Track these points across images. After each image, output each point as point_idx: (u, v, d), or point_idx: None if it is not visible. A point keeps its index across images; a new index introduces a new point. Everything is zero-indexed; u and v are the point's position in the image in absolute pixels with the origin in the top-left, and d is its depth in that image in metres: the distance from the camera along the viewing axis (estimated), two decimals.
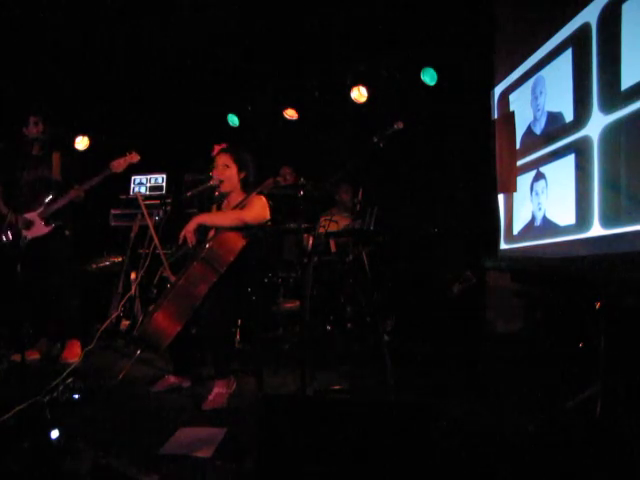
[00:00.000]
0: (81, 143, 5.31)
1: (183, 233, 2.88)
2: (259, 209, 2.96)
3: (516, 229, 4.22)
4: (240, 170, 3.03)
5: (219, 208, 3.19)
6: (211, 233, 3.04)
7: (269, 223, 3.01)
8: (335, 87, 5.52)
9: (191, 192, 3.35)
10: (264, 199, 3.02)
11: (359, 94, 5.38)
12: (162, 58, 5.26)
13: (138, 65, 5.32)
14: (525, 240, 4.02)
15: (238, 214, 2.93)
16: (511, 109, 4.28)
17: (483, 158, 4.51)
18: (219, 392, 2.68)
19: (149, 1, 4.55)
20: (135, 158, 3.67)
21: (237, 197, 3.07)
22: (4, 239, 3.66)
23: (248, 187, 3.07)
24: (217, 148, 3.19)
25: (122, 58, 5.18)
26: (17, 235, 3.63)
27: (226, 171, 3.02)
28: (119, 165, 3.62)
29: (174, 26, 4.86)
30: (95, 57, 5.09)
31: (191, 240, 2.88)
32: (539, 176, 3.77)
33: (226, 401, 2.68)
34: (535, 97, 3.88)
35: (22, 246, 3.61)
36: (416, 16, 4.66)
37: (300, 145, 5.71)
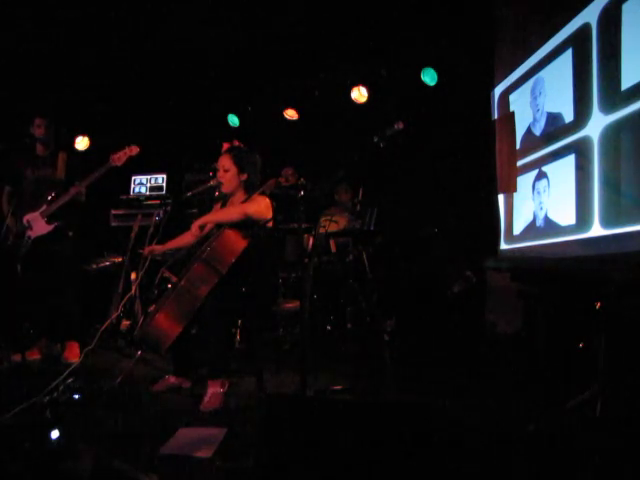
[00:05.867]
0: (81, 143, 5.31)
1: (193, 229, 2.93)
2: (262, 207, 2.97)
3: (517, 229, 4.22)
4: (240, 172, 3.02)
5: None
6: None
7: (271, 223, 3.01)
8: (335, 87, 5.51)
9: (191, 192, 3.35)
10: (268, 200, 3.02)
11: (359, 94, 5.38)
12: (162, 58, 5.26)
13: (138, 65, 5.32)
14: (526, 240, 4.02)
15: (240, 208, 2.95)
16: (511, 109, 4.28)
17: (483, 158, 4.51)
18: (214, 392, 2.68)
19: (149, 2, 4.55)
20: (135, 150, 3.66)
21: (240, 198, 3.06)
22: (9, 241, 3.66)
23: (251, 188, 3.07)
24: (225, 146, 3.19)
25: (122, 58, 5.18)
26: (18, 236, 3.63)
27: (226, 174, 3.02)
28: (119, 158, 3.62)
29: (174, 26, 4.86)
30: (95, 57, 5.09)
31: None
32: (541, 175, 3.77)
33: (222, 400, 2.67)
34: (534, 97, 3.88)
35: (25, 246, 3.61)
36: (416, 16, 4.66)
37: (300, 145, 5.71)
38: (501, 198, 4.47)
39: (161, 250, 3.17)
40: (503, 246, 4.40)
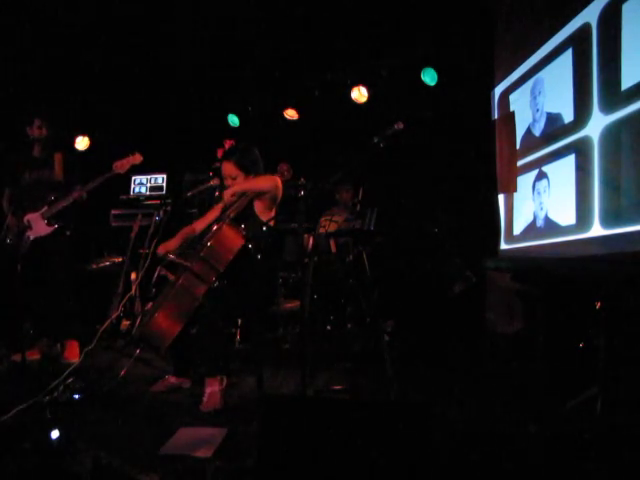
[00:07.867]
0: (81, 143, 5.31)
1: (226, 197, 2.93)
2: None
3: (517, 229, 4.22)
4: (247, 175, 3.03)
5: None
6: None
7: (272, 222, 3.01)
8: (335, 87, 5.52)
9: (191, 192, 3.35)
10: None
11: (359, 94, 5.38)
12: (162, 58, 5.26)
13: (138, 65, 5.32)
14: (526, 240, 4.02)
15: (270, 177, 3.01)
16: (511, 109, 4.28)
17: (483, 158, 4.51)
18: (212, 391, 2.66)
19: (149, 3, 4.56)
20: (138, 159, 3.68)
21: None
22: (8, 240, 3.67)
23: None
24: (220, 152, 3.19)
25: (122, 58, 5.18)
26: (19, 236, 3.63)
27: (235, 182, 3.03)
28: (122, 166, 3.63)
29: (174, 26, 4.86)
30: (95, 57, 5.09)
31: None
32: (541, 175, 3.77)
33: (222, 400, 2.67)
34: (534, 97, 3.88)
35: (25, 247, 3.62)
36: (416, 16, 4.66)
37: (300, 145, 5.71)
38: (501, 198, 4.47)
39: (174, 246, 3.01)
40: (503, 246, 4.40)
